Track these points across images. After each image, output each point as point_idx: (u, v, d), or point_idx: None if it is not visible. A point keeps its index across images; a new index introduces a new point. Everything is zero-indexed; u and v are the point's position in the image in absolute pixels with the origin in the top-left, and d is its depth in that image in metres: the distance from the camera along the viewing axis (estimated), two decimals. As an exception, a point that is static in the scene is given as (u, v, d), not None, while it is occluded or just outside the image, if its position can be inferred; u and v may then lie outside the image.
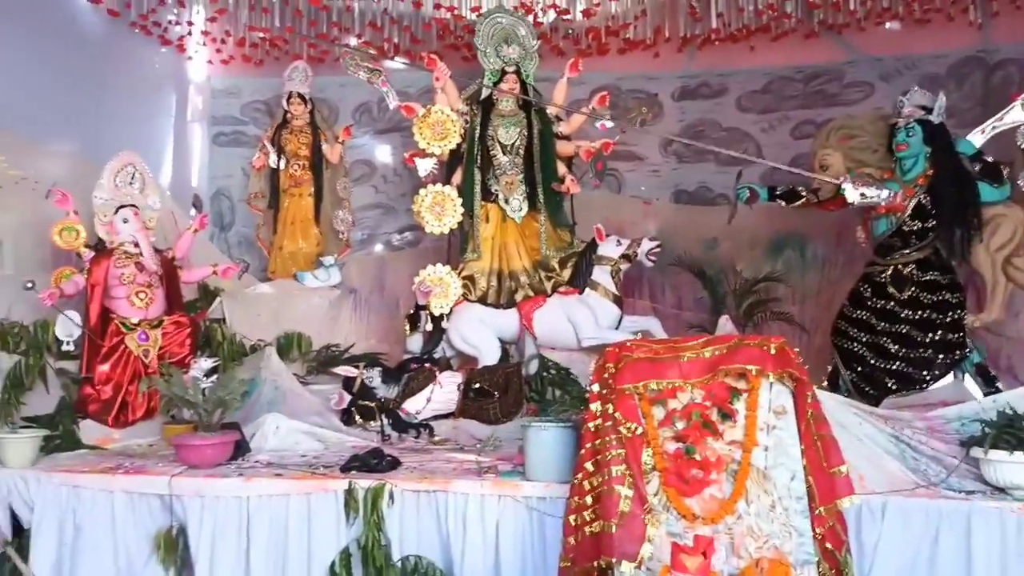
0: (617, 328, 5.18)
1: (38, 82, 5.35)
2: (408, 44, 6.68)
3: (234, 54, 6.85)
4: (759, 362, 2.73)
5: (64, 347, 4.45)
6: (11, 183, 4.64)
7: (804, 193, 4.74)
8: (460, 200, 5.20)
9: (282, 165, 6.18)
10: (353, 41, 6.47)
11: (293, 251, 6.20)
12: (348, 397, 4.69)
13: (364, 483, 3.30)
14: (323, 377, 5.29)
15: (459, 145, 5.30)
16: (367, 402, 4.66)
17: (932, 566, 2.86)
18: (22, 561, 3.40)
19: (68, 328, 4.45)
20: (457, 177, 5.41)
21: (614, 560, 2.59)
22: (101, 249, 4.73)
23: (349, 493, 3.29)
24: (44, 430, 3.92)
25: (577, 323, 5.15)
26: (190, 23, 6.58)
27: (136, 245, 4.64)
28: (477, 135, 5.39)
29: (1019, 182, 5.03)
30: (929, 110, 4.28)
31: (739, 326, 5.07)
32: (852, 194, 4.27)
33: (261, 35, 6.55)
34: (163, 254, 4.85)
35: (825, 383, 4.48)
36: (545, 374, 4.99)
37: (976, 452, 2.99)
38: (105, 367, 4.44)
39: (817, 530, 2.61)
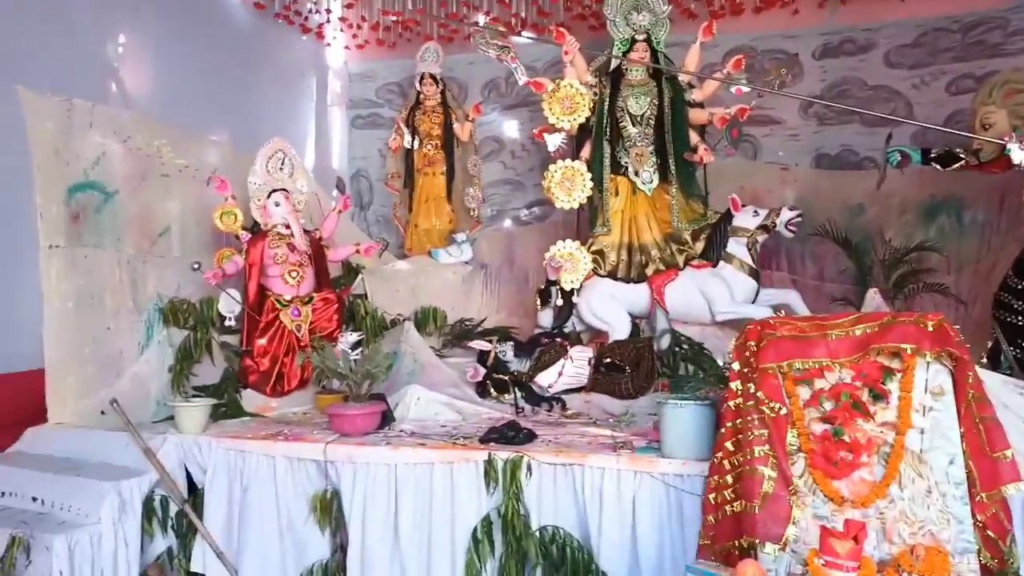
0: (754, 302, 5.04)
1: (195, 76, 5.76)
2: (535, 17, 6.66)
3: (368, 38, 7.09)
4: (915, 340, 2.60)
5: (227, 323, 4.77)
6: (176, 172, 5.01)
7: (963, 155, 4.37)
8: (589, 175, 5.17)
9: (416, 145, 6.37)
10: (482, 19, 6.53)
11: (427, 228, 6.40)
12: (483, 370, 4.80)
13: (503, 455, 3.39)
14: (458, 350, 5.44)
15: (588, 119, 5.26)
16: (501, 375, 4.75)
17: (1111, 560, 2.63)
18: (198, 518, 3.75)
19: (230, 305, 4.76)
20: (586, 151, 5.38)
21: (757, 541, 2.56)
22: (257, 231, 5.01)
23: (489, 464, 3.38)
24: (212, 399, 4.27)
25: (711, 297, 5.05)
26: (328, 11, 6.86)
27: (287, 227, 4.93)
28: (607, 107, 5.33)
29: None
30: (1115, 58, 3.83)
31: (888, 299, 4.79)
32: (1019, 155, 3.90)
33: (394, 18, 6.72)
34: (311, 235, 5.11)
35: (985, 360, 4.15)
36: (677, 349, 4.91)
37: None
38: (263, 341, 4.74)
39: (978, 517, 2.47)
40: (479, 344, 4.95)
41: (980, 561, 2.41)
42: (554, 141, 5.33)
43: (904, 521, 2.45)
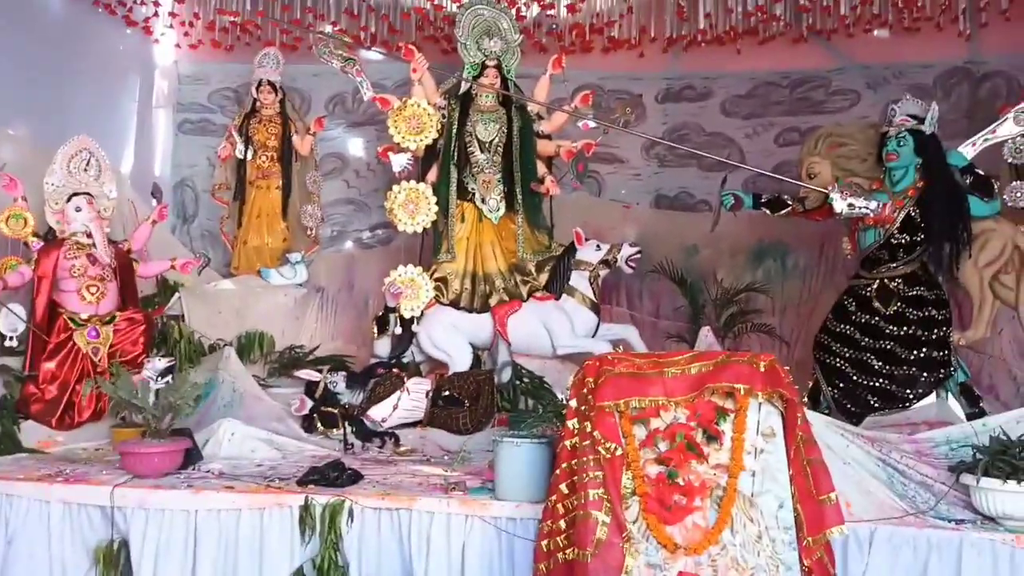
0: (594, 336, 5.03)
1: (-7, 62, 5.07)
2: (386, 34, 6.45)
3: (203, 38, 6.57)
4: (748, 380, 2.57)
5: (7, 342, 4.25)
6: (-47, 167, 4.36)
7: (790, 202, 4.59)
8: (434, 198, 5.01)
9: (249, 156, 5.95)
10: (328, 28, 6.23)
11: (258, 246, 5.97)
12: (310, 402, 4.49)
13: (322, 499, 3.13)
14: (285, 380, 5.09)
15: (435, 141, 5.12)
16: (330, 408, 4.47)
17: (922, 600, 2.71)
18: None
19: (12, 322, 4.26)
20: (432, 174, 5.22)
21: (589, 592, 2.41)
22: (51, 239, 4.51)
23: (305, 509, 3.11)
24: (-23, 432, 3.67)
25: (553, 330, 4.98)
26: (156, 3, 6.30)
27: (89, 235, 4.43)
28: (455, 131, 5.20)
29: (1005, 197, 4.96)
30: (921, 120, 4.15)
31: (719, 338, 4.92)
32: (840, 204, 4.13)
33: (231, 19, 6.27)
34: (118, 246, 4.65)
35: (805, 399, 4.33)
36: (518, 383, 4.82)
37: (967, 479, 2.85)
38: (51, 365, 4.25)
39: (805, 562, 2.45)
40: (307, 374, 4.62)
41: (806, 607, 2.38)
42: (399, 161, 5.13)
43: (735, 568, 2.39)
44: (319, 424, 4.42)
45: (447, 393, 4.60)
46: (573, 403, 2.77)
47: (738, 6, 5.69)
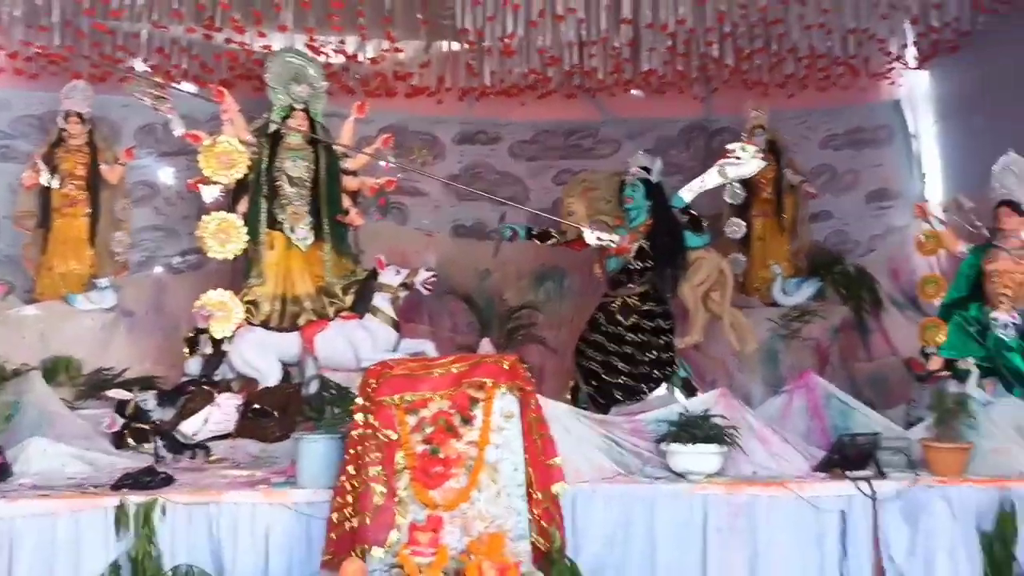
0: (395, 351, 5.60)
1: None
2: (197, 70, 6.73)
3: (5, 66, 6.51)
4: (494, 376, 3.32)
5: None
6: None
7: (555, 234, 5.52)
8: (245, 228, 5.30)
9: (55, 184, 5.98)
10: (139, 65, 6.41)
11: (64, 272, 6.00)
12: (121, 420, 4.67)
13: (136, 499, 3.41)
14: (93, 402, 5.16)
15: (246, 175, 5.41)
16: (141, 424, 4.68)
17: (627, 537, 3.58)
18: None
19: None
20: (243, 205, 5.54)
21: (367, 547, 3.02)
22: None
23: (120, 509, 3.38)
24: None
25: (357, 346, 5.49)
26: (-49, 28, 6.18)
27: None
28: (264, 166, 5.60)
29: (725, 230, 6.20)
30: (650, 170, 5.23)
31: (499, 348, 5.73)
32: (590, 237, 5.10)
33: (37, 50, 6.30)
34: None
35: (569, 396, 5.22)
36: (325, 394, 5.28)
37: (663, 446, 3.78)
38: None
39: (534, 511, 3.22)
40: (117, 393, 4.78)
41: (531, 543, 3.14)
42: (210, 193, 5.38)
43: (480, 518, 3.10)
44: (130, 440, 4.59)
45: (257, 406, 4.98)
46: (359, 401, 3.40)
47: (516, 67, 6.61)
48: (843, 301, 6.55)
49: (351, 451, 3.33)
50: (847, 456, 3.82)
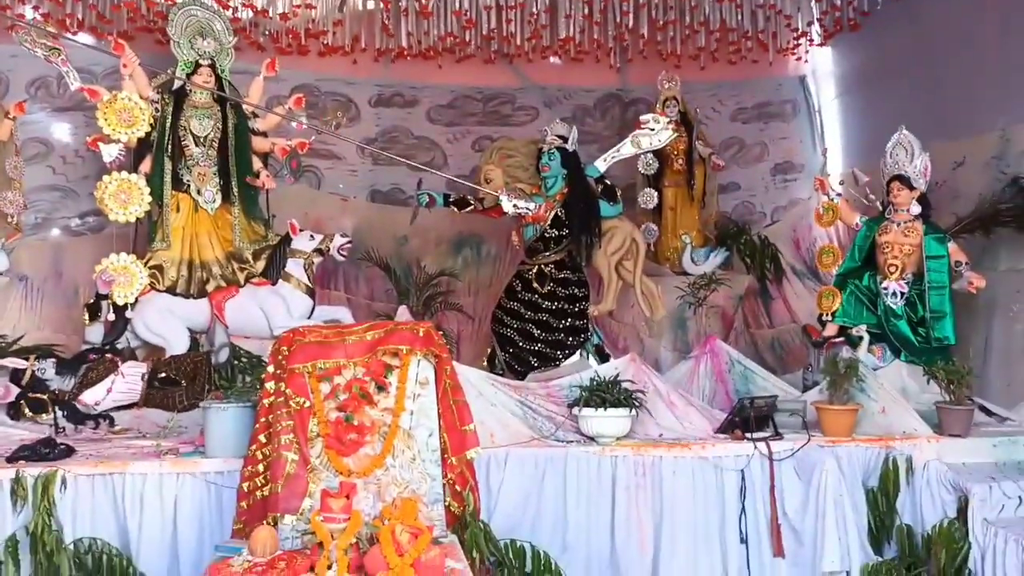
0: (310, 318, 5.53)
1: None
2: (94, 21, 6.35)
3: None
4: (409, 343, 3.31)
5: None
6: None
7: (472, 201, 5.52)
8: (148, 189, 5.13)
9: (-62, 141, 5.59)
10: (30, 12, 6.00)
11: (-49, 235, 5.64)
12: (16, 390, 4.50)
13: (34, 471, 3.32)
14: (-13, 371, 4.96)
15: (148, 133, 5.22)
16: (38, 395, 4.51)
17: (540, 499, 3.69)
18: None
19: None
20: (146, 165, 5.32)
21: (279, 515, 3.01)
22: None
23: (17, 482, 3.28)
24: None
25: (270, 313, 5.39)
26: None
27: None
28: (168, 124, 5.37)
29: (639, 200, 6.33)
30: (565, 139, 5.27)
31: (418, 316, 5.72)
32: (507, 205, 5.12)
33: (-89, -7, 5.80)
34: None
35: (485, 362, 5.28)
36: (236, 362, 5.18)
37: (575, 411, 3.89)
38: None
39: (449, 476, 3.26)
40: (12, 361, 4.59)
41: (446, 506, 3.20)
42: (110, 152, 5.17)
43: (395, 484, 3.13)
44: (27, 411, 4.45)
45: (163, 375, 4.84)
46: (271, 368, 3.35)
47: (433, 28, 6.51)
48: (748, 270, 6.82)
49: (262, 419, 3.28)
50: (747, 418, 4.02)
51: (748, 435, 3.95)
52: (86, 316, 5.13)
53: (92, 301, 5.15)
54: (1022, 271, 5.19)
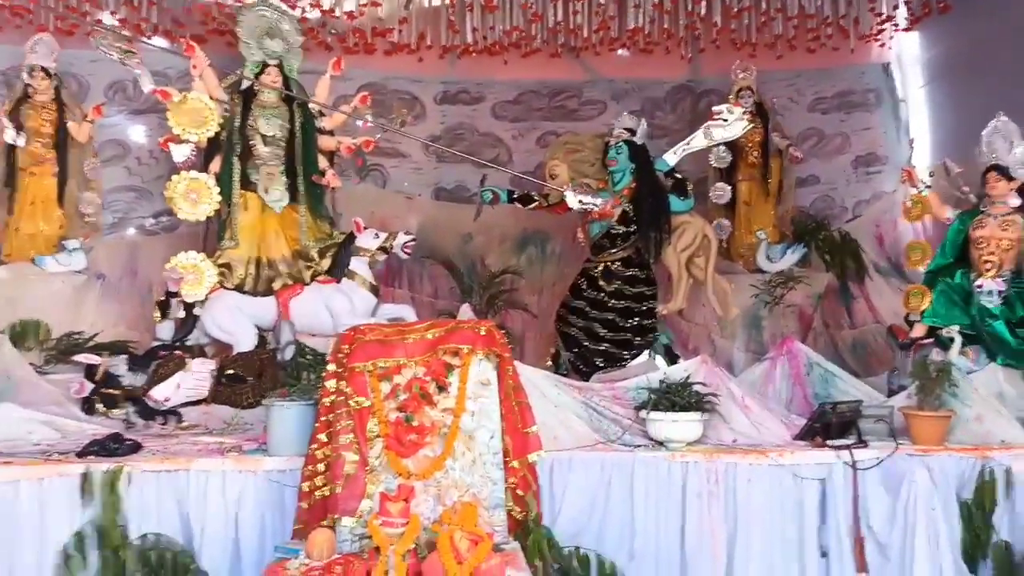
0: (373, 316, 5.51)
1: None
2: (168, 24, 6.50)
3: (-36, 18, 6.26)
4: (471, 342, 3.21)
5: None
6: None
7: (536, 198, 5.39)
8: (217, 188, 5.19)
9: (21, 142, 5.80)
10: (107, 18, 6.18)
11: (32, 233, 5.85)
12: (90, 385, 4.59)
13: (102, 467, 3.33)
14: (63, 367, 5.08)
15: (218, 133, 5.28)
16: (111, 390, 4.59)
17: (606, 505, 3.53)
18: None
19: None
20: (215, 165, 5.40)
21: (337, 516, 2.95)
22: None
23: (85, 477, 3.30)
24: None
25: (334, 310, 5.40)
26: (-96, -24, 5.93)
27: None
28: (237, 125, 5.42)
29: (710, 195, 6.10)
30: (634, 132, 5.09)
31: (481, 314, 5.64)
32: (572, 200, 4.98)
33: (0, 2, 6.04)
34: None
35: (549, 362, 5.15)
36: (302, 359, 5.18)
37: (643, 414, 3.72)
38: None
39: (510, 480, 3.15)
40: (86, 357, 4.70)
41: (507, 511, 3.08)
42: (181, 152, 5.24)
43: (455, 487, 3.03)
44: (100, 405, 4.52)
45: (231, 372, 4.88)
46: (331, 367, 3.30)
47: (499, 24, 6.42)
48: (827, 268, 6.49)
49: (323, 418, 3.23)
50: (828, 424, 3.78)
51: (830, 442, 3.70)
52: (157, 313, 5.22)
53: (163, 299, 5.24)
54: None
